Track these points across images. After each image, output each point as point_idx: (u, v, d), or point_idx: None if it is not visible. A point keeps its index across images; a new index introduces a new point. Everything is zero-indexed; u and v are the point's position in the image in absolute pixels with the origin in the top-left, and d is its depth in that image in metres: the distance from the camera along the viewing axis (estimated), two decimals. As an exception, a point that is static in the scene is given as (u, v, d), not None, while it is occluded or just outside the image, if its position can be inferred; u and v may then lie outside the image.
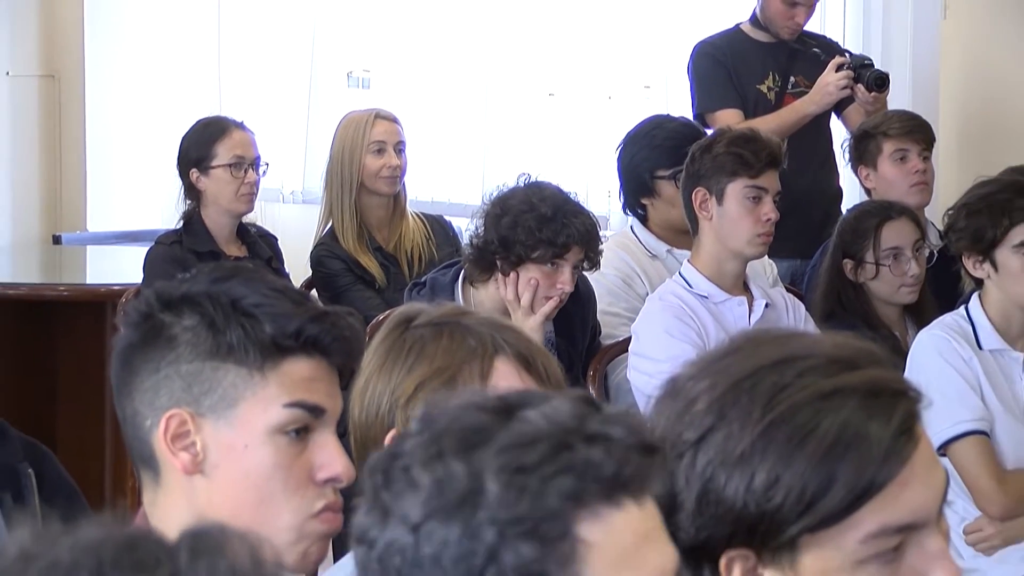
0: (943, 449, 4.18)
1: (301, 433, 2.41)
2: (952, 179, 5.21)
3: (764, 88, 6.76)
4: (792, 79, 6.75)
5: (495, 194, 4.86)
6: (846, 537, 1.92)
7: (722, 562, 1.96)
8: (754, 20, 6.82)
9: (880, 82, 6.22)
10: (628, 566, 1.63)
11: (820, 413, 1.92)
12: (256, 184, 6.06)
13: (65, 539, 1.25)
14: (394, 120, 6.17)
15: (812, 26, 7.25)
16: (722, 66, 6.79)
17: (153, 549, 1.25)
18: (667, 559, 1.67)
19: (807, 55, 6.79)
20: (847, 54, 6.51)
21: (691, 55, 6.87)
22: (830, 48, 6.84)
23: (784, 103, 6.65)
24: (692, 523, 1.94)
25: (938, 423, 3.98)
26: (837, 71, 6.35)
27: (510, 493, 1.59)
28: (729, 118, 6.50)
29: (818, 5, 7.19)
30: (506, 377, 2.56)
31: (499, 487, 1.59)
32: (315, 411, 2.42)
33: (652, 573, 1.65)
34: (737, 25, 6.87)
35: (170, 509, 2.38)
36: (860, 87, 6.19)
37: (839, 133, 6.65)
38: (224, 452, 2.42)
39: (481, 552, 1.59)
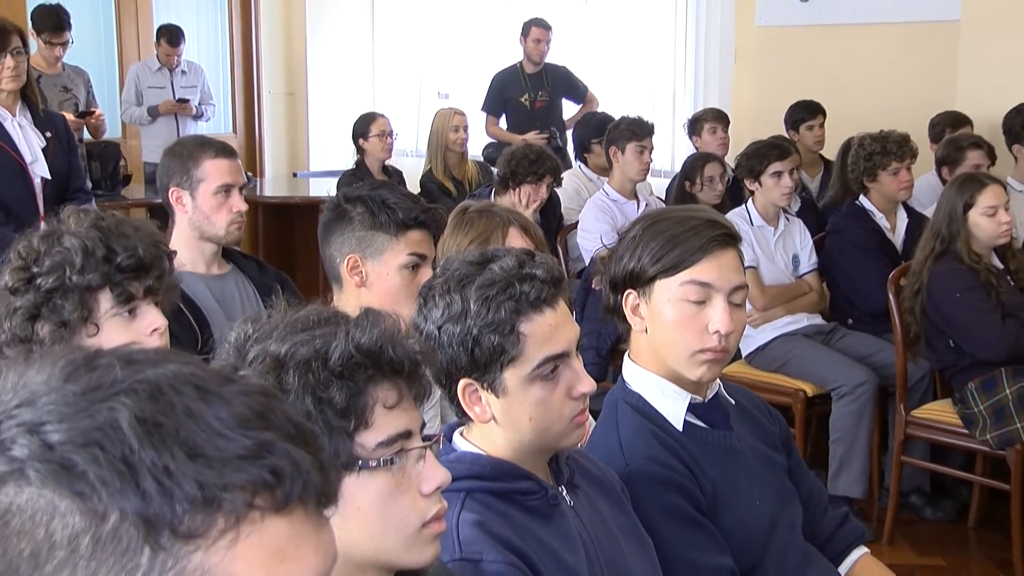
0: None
1: (415, 268, 2.44)
2: (741, 142, 5.19)
3: (524, 99, 6.79)
4: (539, 93, 6.79)
5: (508, 151, 4.76)
6: (674, 281, 1.94)
7: (623, 297, 1.99)
8: (522, 61, 6.83)
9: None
10: (548, 342, 1.62)
11: (679, 227, 1.96)
12: (392, 144, 5.97)
13: (302, 308, 1.28)
14: (463, 114, 6.08)
15: (666, 70, 7.21)
16: (500, 85, 6.85)
17: (343, 314, 1.27)
18: (572, 333, 1.66)
19: (550, 80, 6.82)
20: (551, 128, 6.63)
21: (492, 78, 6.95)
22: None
23: (536, 107, 6.72)
24: (611, 285, 2.01)
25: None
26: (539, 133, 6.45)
27: (483, 310, 1.59)
28: (488, 119, 6.81)
29: (658, 52, 7.18)
30: (514, 237, 2.53)
31: (476, 307, 1.59)
32: (423, 257, 2.45)
33: (564, 343, 1.64)
34: (519, 62, 6.86)
35: (346, 305, 2.35)
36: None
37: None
38: (376, 277, 2.45)
39: (470, 340, 1.60)
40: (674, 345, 1.95)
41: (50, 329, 1.82)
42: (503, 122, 6.89)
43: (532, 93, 6.78)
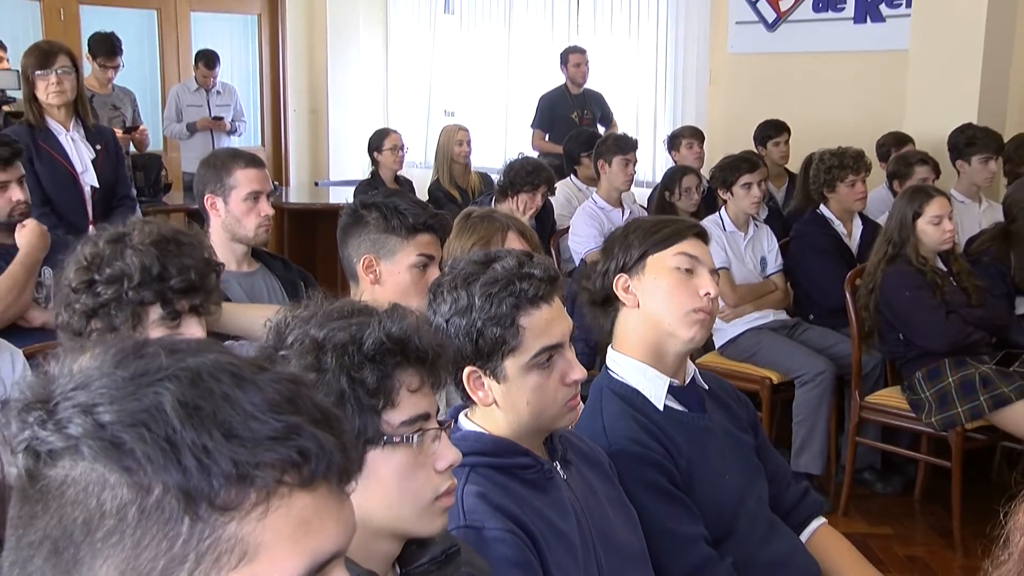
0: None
1: (423, 268, 2.41)
2: (715, 156, 5.18)
3: (573, 116, 6.81)
4: (584, 112, 6.82)
5: (507, 163, 4.73)
6: (667, 253, 1.98)
7: (614, 281, 2.02)
8: (566, 84, 6.86)
9: None
10: (545, 334, 1.61)
11: (655, 226, 2.02)
12: (403, 157, 5.94)
13: (332, 301, 1.27)
14: (467, 130, 6.05)
15: (648, 92, 7.18)
16: (549, 104, 6.88)
17: (374, 307, 1.26)
18: (566, 326, 1.65)
19: (591, 102, 6.87)
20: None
21: (540, 99, 6.98)
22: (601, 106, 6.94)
23: (582, 124, 6.69)
24: (603, 275, 2.04)
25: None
26: None
27: (486, 305, 1.58)
28: (537, 134, 6.86)
29: (641, 75, 7.16)
30: (512, 240, 2.52)
31: (481, 302, 1.59)
32: (431, 258, 2.41)
33: (559, 335, 1.63)
34: (563, 84, 6.88)
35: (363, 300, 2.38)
36: None
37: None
38: (389, 275, 2.42)
39: (475, 331, 1.59)
40: (670, 308, 1.99)
41: (101, 329, 1.82)
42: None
43: (579, 111, 6.84)
